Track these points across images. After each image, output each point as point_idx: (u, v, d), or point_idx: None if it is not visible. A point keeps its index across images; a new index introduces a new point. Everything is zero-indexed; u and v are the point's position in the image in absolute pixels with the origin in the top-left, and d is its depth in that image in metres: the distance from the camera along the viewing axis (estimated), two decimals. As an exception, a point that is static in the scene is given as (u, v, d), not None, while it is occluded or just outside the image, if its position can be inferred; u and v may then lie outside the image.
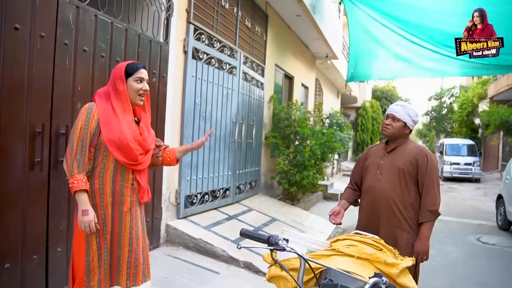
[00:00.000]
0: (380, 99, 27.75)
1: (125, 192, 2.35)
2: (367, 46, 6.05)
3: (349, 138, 9.61)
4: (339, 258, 2.04)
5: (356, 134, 22.96)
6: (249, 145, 7.06)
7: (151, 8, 4.38)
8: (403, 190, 2.77)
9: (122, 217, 2.35)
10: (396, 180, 2.79)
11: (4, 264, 2.72)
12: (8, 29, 2.66)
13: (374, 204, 2.85)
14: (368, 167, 2.98)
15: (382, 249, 2.14)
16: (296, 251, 1.60)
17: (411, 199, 2.77)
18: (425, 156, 2.79)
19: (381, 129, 3.02)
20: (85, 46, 3.37)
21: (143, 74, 2.42)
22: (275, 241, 1.64)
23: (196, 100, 5.24)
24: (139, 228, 2.41)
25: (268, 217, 6.36)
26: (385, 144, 3.00)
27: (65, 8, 3.13)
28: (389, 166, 2.84)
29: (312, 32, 9.47)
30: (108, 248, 2.33)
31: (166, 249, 4.56)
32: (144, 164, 2.42)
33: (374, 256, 2.00)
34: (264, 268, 4.16)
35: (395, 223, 2.76)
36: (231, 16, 6.26)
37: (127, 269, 2.36)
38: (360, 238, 2.25)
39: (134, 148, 2.32)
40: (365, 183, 2.98)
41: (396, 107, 2.91)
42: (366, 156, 3.08)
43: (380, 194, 2.82)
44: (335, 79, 16.38)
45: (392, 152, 2.89)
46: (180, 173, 4.99)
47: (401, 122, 2.85)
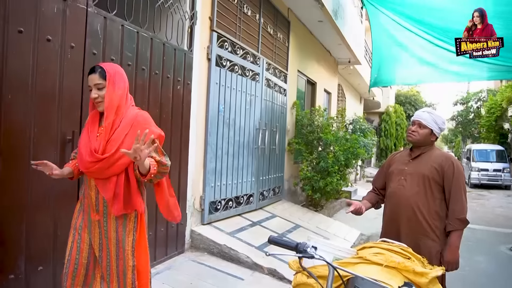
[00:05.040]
0: (403, 104, 27.36)
1: (88, 199, 2.26)
2: (390, 50, 6.00)
3: (373, 144, 9.51)
4: (366, 266, 2.01)
5: (380, 140, 22.68)
6: (273, 151, 7.06)
7: (175, 17, 4.45)
8: (428, 197, 2.73)
9: (91, 225, 2.28)
10: (421, 186, 2.76)
11: (38, 267, 2.81)
12: (40, 40, 2.76)
13: (397, 210, 2.82)
14: (391, 173, 2.95)
15: (411, 257, 2.10)
16: (325, 258, 1.59)
17: (436, 207, 2.73)
18: (451, 163, 2.75)
19: (406, 136, 2.99)
20: (113, 55, 3.46)
21: (90, 80, 2.23)
22: (303, 248, 1.64)
23: (220, 107, 5.28)
24: (110, 240, 2.25)
25: (292, 224, 6.33)
26: (409, 150, 2.97)
27: (94, 19, 3.22)
28: (413, 172, 2.81)
29: (334, 37, 9.44)
30: (82, 246, 2.28)
31: (191, 255, 4.59)
32: (100, 173, 2.18)
33: (402, 265, 1.97)
34: (289, 275, 4.15)
35: (419, 230, 2.72)
36: (254, 23, 6.30)
37: (100, 272, 2.31)
38: (387, 246, 2.22)
39: (84, 155, 2.17)
40: (388, 190, 2.95)
41: (423, 113, 2.87)
42: (390, 163, 3.06)
43: (403, 200, 2.79)
44: (358, 84, 16.25)
45: (417, 159, 2.86)
46: (204, 179, 5.03)
47: (428, 129, 2.82)
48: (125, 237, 2.26)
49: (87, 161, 2.16)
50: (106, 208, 2.23)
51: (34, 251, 2.82)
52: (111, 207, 2.21)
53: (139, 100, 3.79)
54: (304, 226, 6.39)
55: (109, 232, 2.25)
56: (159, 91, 4.10)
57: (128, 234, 2.27)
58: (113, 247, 2.26)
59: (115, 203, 2.20)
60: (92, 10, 3.20)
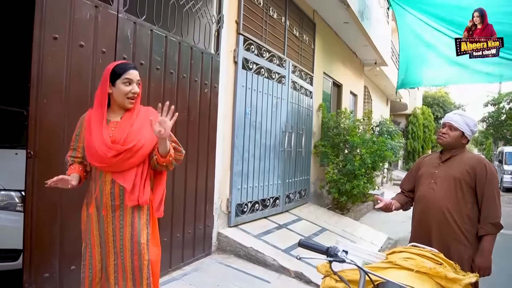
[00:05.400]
0: (431, 106, 26.82)
1: (104, 195, 2.24)
2: (418, 51, 5.89)
3: (400, 146, 9.34)
4: (396, 271, 1.99)
5: (407, 142, 22.28)
6: (299, 154, 7.04)
7: (202, 21, 4.51)
8: (459, 200, 2.67)
9: (104, 224, 2.26)
10: (452, 190, 2.69)
11: (70, 266, 2.89)
12: (74, 46, 2.85)
13: (427, 214, 2.76)
14: (421, 176, 2.90)
15: (442, 263, 2.06)
16: (355, 263, 1.58)
17: (468, 210, 2.66)
18: (484, 166, 2.67)
19: (437, 138, 2.93)
20: (142, 60, 3.53)
21: (132, 75, 2.26)
22: (334, 252, 1.63)
23: (246, 109, 5.30)
24: (125, 236, 2.25)
25: (318, 227, 6.29)
26: (439, 153, 2.91)
27: (124, 24, 3.30)
28: (444, 175, 2.75)
29: (360, 38, 9.35)
30: (93, 250, 2.28)
31: (218, 257, 4.62)
32: (120, 166, 2.21)
33: (434, 271, 1.94)
34: (316, 279, 4.13)
35: (449, 234, 2.66)
36: (279, 26, 6.31)
37: (114, 272, 2.28)
38: (418, 251, 2.18)
39: (101, 150, 2.17)
40: (418, 193, 2.90)
41: (454, 116, 2.82)
42: (419, 166, 3.00)
43: (433, 204, 2.72)
44: (384, 86, 16.03)
45: (448, 162, 2.80)
46: (231, 182, 5.06)
47: (459, 131, 2.76)
48: (140, 231, 2.27)
49: (107, 156, 2.16)
50: (122, 201, 2.25)
51: (67, 251, 2.90)
52: (128, 197, 2.22)
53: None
54: (330, 229, 6.34)
55: (124, 227, 2.26)
56: (187, 94, 4.16)
57: (143, 227, 2.28)
58: (128, 242, 2.25)
59: (133, 193, 2.23)
60: (123, 15, 3.28)
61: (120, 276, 2.27)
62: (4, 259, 3.25)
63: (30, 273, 2.69)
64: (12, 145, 4.42)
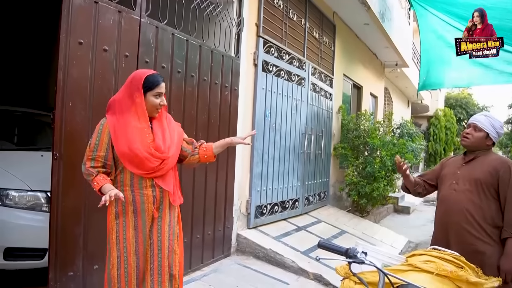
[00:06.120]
0: (453, 107, 26.28)
1: (146, 200, 2.30)
2: (440, 52, 5.81)
3: (421, 149, 9.21)
4: (416, 274, 1.98)
5: (428, 144, 21.93)
6: (318, 156, 7.02)
7: (223, 24, 4.55)
8: (481, 202, 2.62)
9: (145, 225, 2.32)
10: (474, 191, 2.65)
11: (94, 265, 2.97)
12: (98, 50, 2.93)
13: (448, 215, 2.73)
14: (444, 177, 2.87)
15: (464, 266, 2.04)
16: (375, 264, 1.59)
17: (491, 212, 2.60)
18: (508, 167, 2.62)
19: (460, 138, 2.89)
20: (164, 63, 3.59)
21: (163, 88, 2.35)
22: (353, 253, 1.63)
23: (266, 112, 5.33)
24: (163, 235, 2.35)
25: (337, 229, 6.26)
26: (463, 155, 2.88)
27: (146, 28, 3.36)
28: (466, 176, 2.72)
29: (381, 40, 9.27)
30: (128, 258, 2.30)
31: (237, 258, 4.65)
32: (163, 171, 2.33)
33: (455, 274, 1.92)
34: (334, 281, 4.12)
35: (471, 236, 2.61)
36: (299, 28, 6.32)
37: (150, 276, 2.33)
38: (439, 254, 2.16)
39: (147, 159, 2.25)
40: (440, 194, 2.87)
41: (479, 116, 2.79)
42: (443, 166, 2.98)
43: (455, 204, 2.70)
44: (405, 87, 15.83)
45: (471, 163, 2.77)
46: (250, 184, 5.09)
47: (483, 132, 2.72)
48: (175, 228, 2.43)
49: (152, 166, 2.27)
50: (162, 203, 2.37)
51: (91, 250, 2.97)
52: (173, 198, 2.39)
53: (188, 106, 3.92)
54: (349, 232, 6.31)
55: (163, 228, 2.36)
56: (207, 97, 4.21)
57: (176, 224, 2.45)
58: (165, 241, 2.36)
59: (175, 193, 2.40)
60: (145, 20, 3.35)
61: (156, 279, 2.34)
62: (31, 257, 3.35)
63: (56, 272, 2.77)
64: (38, 147, 4.55)
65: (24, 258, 3.34)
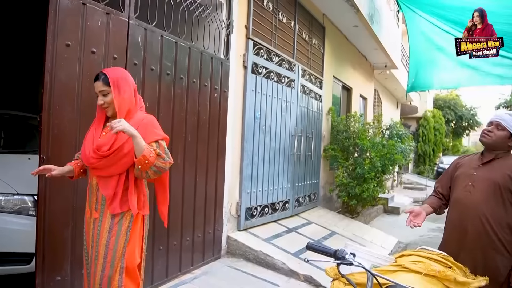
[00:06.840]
0: (442, 109, 26.54)
1: (91, 199, 2.34)
2: (428, 54, 5.86)
3: (410, 149, 9.29)
4: (405, 274, 1.99)
5: (417, 145, 22.12)
6: (308, 157, 7.04)
7: (212, 26, 4.55)
8: (498, 206, 2.47)
9: (85, 223, 2.38)
10: (491, 195, 2.49)
11: (82, 270, 2.91)
12: (86, 52, 2.90)
13: (462, 219, 2.58)
14: (458, 178, 2.70)
15: (452, 266, 2.05)
16: (363, 265, 1.59)
17: (508, 218, 2.46)
18: None
19: (480, 136, 2.68)
20: (152, 65, 3.57)
21: (97, 88, 2.32)
22: (342, 255, 1.63)
23: (256, 113, 5.33)
24: (100, 241, 2.26)
25: (328, 231, 6.28)
26: (480, 154, 2.71)
27: (135, 30, 3.35)
28: (483, 178, 2.55)
29: (370, 42, 9.34)
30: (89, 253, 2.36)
31: (227, 261, 4.64)
32: (103, 170, 2.28)
33: (443, 274, 1.93)
34: (325, 282, 4.12)
35: (486, 243, 2.48)
36: (289, 30, 6.33)
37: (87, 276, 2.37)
38: (427, 254, 2.17)
39: (88, 152, 2.29)
40: (453, 195, 2.71)
41: (504, 115, 2.60)
42: (456, 166, 2.81)
43: (470, 208, 2.54)
44: (395, 89, 15.96)
45: (489, 164, 2.60)
46: (240, 186, 5.08)
47: (506, 132, 2.54)
48: (118, 238, 2.27)
49: (91, 157, 2.27)
50: (103, 207, 2.30)
51: (79, 254, 2.92)
52: (109, 205, 2.26)
53: (177, 108, 3.90)
54: (340, 233, 6.33)
55: (101, 233, 2.27)
56: (196, 99, 4.19)
57: (122, 234, 2.28)
58: (102, 248, 2.26)
59: (114, 201, 2.26)
60: (134, 22, 3.33)
61: (91, 283, 2.31)
62: (18, 262, 3.29)
63: (43, 277, 2.73)
64: (25, 150, 4.49)
65: (10, 263, 3.28)
